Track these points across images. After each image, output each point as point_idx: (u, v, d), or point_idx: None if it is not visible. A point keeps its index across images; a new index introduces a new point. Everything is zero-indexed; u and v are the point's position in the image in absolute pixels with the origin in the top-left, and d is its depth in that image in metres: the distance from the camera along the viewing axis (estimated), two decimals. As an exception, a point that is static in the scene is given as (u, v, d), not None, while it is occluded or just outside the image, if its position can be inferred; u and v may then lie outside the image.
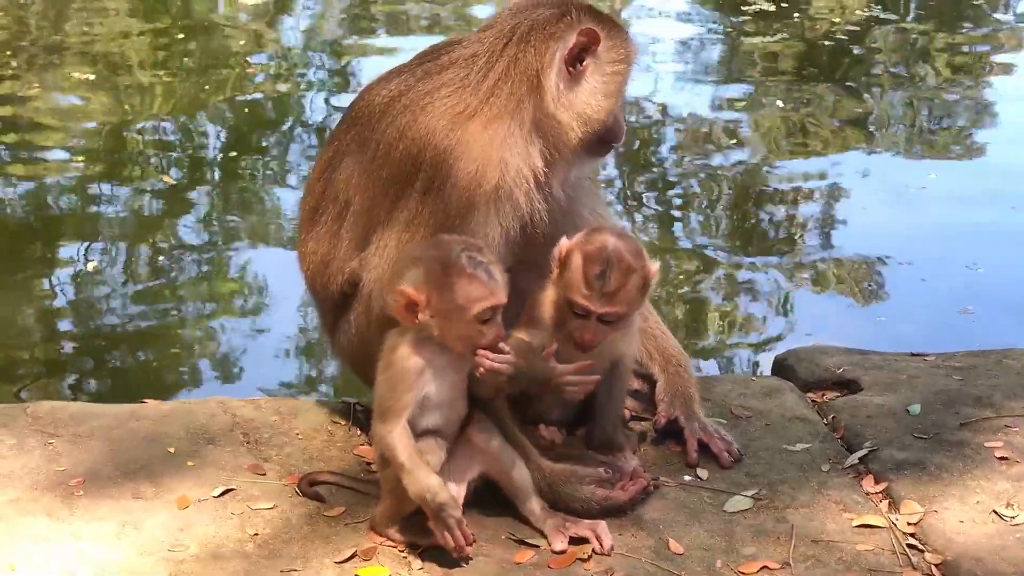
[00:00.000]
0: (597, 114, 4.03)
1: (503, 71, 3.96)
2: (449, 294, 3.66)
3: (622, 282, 3.91)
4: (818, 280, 7.46)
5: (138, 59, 11.80)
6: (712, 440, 4.33)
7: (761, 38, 12.75)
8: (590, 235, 4.00)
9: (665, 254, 7.74)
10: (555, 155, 4.02)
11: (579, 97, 4.00)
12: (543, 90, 3.95)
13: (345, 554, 3.74)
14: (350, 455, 4.30)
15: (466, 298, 3.67)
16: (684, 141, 10.00)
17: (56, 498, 3.96)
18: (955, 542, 3.89)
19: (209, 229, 8.10)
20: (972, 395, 4.70)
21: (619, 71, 4.07)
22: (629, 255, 3.93)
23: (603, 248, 3.92)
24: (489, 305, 3.69)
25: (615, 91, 4.08)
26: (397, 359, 3.75)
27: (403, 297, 3.69)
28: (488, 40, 4.03)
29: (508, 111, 3.94)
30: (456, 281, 3.66)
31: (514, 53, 3.97)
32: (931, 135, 10.31)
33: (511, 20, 4.03)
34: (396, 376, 3.74)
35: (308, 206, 4.33)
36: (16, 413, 4.46)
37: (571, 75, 3.98)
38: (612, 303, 3.92)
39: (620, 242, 3.96)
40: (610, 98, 4.06)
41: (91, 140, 9.60)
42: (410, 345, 3.75)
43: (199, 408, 4.56)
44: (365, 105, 4.15)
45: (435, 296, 3.67)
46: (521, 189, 3.95)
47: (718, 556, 3.84)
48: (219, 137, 9.86)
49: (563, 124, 3.98)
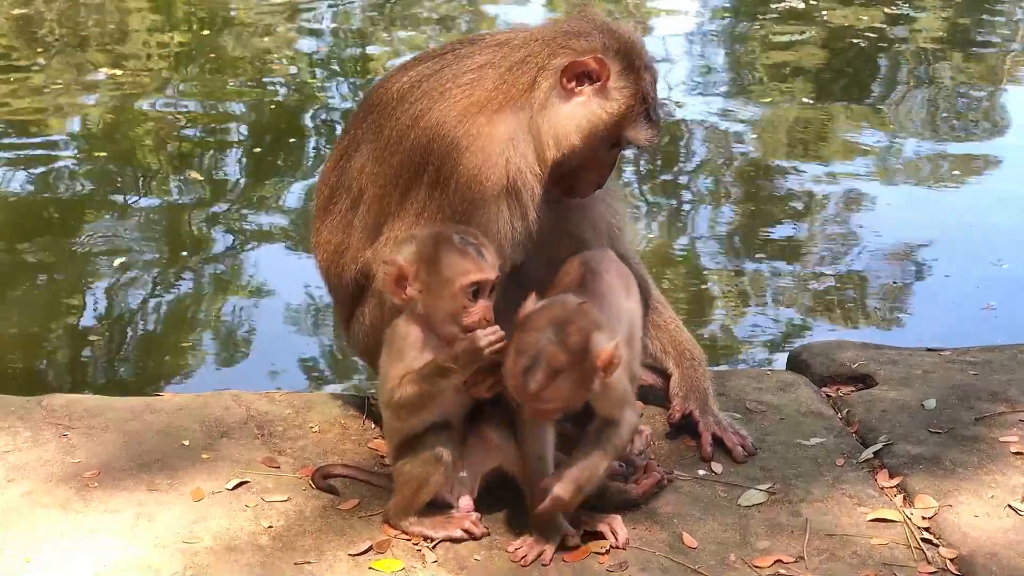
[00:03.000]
0: (565, 140, 3.92)
1: (515, 65, 3.96)
2: (436, 266, 3.66)
3: (547, 383, 3.51)
4: (840, 276, 7.43)
5: (158, 54, 11.85)
6: (726, 434, 4.33)
7: (789, 36, 12.74)
8: (535, 315, 3.59)
9: (679, 248, 7.74)
10: (542, 165, 3.98)
11: (560, 113, 3.93)
12: (536, 91, 3.94)
13: (359, 547, 3.75)
14: (364, 448, 4.31)
15: (452, 270, 3.65)
16: (700, 136, 9.98)
17: (71, 490, 3.97)
18: (970, 536, 3.88)
19: (229, 223, 8.10)
20: (987, 390, 4.69)
21: (604, 115, 3.93)
22: (563, 352, 3.50)
23: (534, 343, 3.52)
24: (475, 279, 3.66)
25: (589, 131, 3.93)
26: (397, 335, 3.77)
27: (393, 267, 3.69)
28: (516, 36, 4.04)
29: (512, 107, 3.93)
30: (444, 254, 3.67)
31: (530, 51, 3.97)
32: (957, 131, 10.27)
33: (546, 25, 4.04)
34: (396, 352, 3.75)
35: (323, 195, 4.32)
36: (31, 406, 4.47)
37: (564, 90, 3.93)
38: (539, 401, 3.56)
39: (558, 334, 3.51)
40: (582, 134, 3.92)
41: (112, 133, 9.63)
42: (408, 320, 3.75)
43: (214, 401, 4.57)
44: (384, 92, 4.14)
45: (423, 268, 3.68)
46: (526, 189, 3.94)
47: (732, 550, 3.83)
48: (240, 132, 9.88)
49: (542, 134, 3.94)
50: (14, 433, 4.28)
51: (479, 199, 3.90)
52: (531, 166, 3.94)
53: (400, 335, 3.77)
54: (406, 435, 3.82)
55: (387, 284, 3.74)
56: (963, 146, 9.81)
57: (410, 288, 3.70)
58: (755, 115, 10.51)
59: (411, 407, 3.74)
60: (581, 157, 3.98)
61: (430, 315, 3.72)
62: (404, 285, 3.71)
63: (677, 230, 8.17)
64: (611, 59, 3.92)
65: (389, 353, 3.79)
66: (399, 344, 3.76)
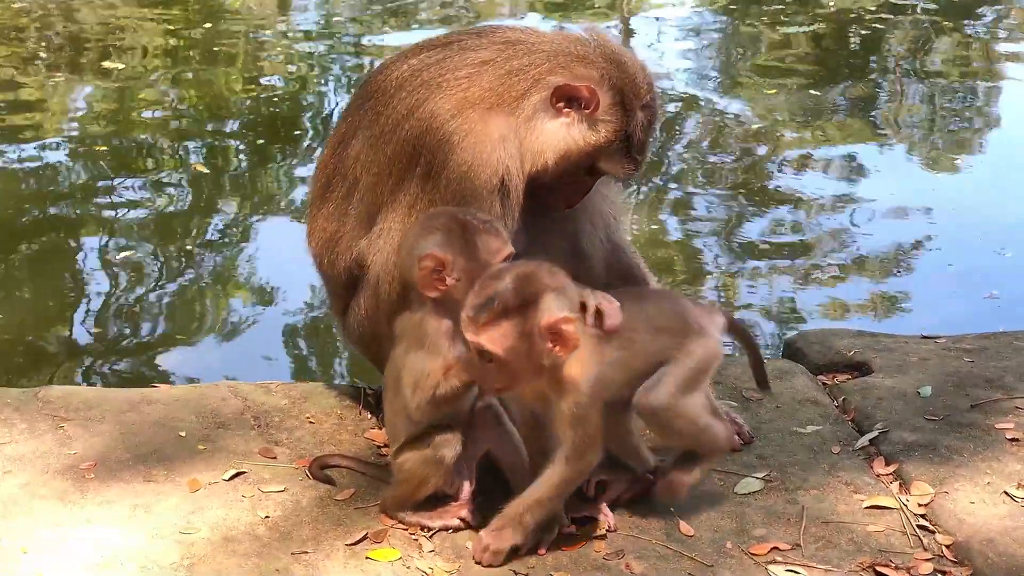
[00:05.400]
0: (539, 156, 3.93)
1: (514, 71, 3.94)
2: (473, 250, 3.68)
3: (491, 323, 3.46)
4: (843, 265, 7.43)
5: (155, 48, 11.84)
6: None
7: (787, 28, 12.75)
8: (509, 266, 3.60)
9: (674, 235, 7.75)
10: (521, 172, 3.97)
11: (543, 129, 3.93)
12: (526, 101, 3.93)
13: (356, 536, 3.75)
14: (360, 439, 4.31)
15: (488, 251, 3.69)
16: (699, 124, 9.99)
17: (68, 482, 3.97)
18: (966, 523, 3.89)
19: (227, 215, 8.10)
20: (983, 377, 4.70)
21: (582, 142, 3.93)
22: (513, 296, 3.47)
23: (494, 285, 3.49)
24: (505, 254, 3.71)
25: (564, 153, 3.93)
26: (428, 329, 3.74)
27: (432, 260, 3.68)
28: (524, 40, 4.02)
29: (503, 110, 3.92)
30: (476, 237, 3.69)
31: (532, 61, 3.96)
32: (959, 120, 10.27)
33: (557, 37, 4.04)
34: (432, 346, 3.73)
35: (319, 183, 4.31)
36: (27, 398, 4.47)
37: (553, 108, 3.92)
38: (483, 338, 3.49)
39: (515, 281, 3.48)
40: (557, 155, 3.93)
41: (111, 128, 9.62)
42: (435, 313, 3.75)
43: (210, 392, 4.58)
44: (384, 79, 4.11)
45: (460, 256, 3.68)
46: (514, 190, 3.94)
47: (728, 538, 3.84)
48: (236, 126, 9.87)
49: (523, 144, 3.93)
50: (10, 425, 4.28)
51: (470, 195, 3.90)
52: (518, 169, 3.94)
53: (432, 328, 3.75)
54: (413, 431, 3.82)
55: (425, 278, 3.71)
56: (969, 135, 9.81)
57: (449, 279, 3.70)
58: (756, 101, 10.52)
59: (454, 399, 3.74)
60: (554, 176, 3.99)
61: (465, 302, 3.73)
62: (442, 278, 3.70)
63: (672, 217, 8.17)
64: (605, 91, 3.92)
65: (420, 348, 3.76)
66: (432, 338, 3.74)
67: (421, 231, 3.77)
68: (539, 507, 3.67)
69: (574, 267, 4.20)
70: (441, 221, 3.74)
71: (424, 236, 3.74)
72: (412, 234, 3.81)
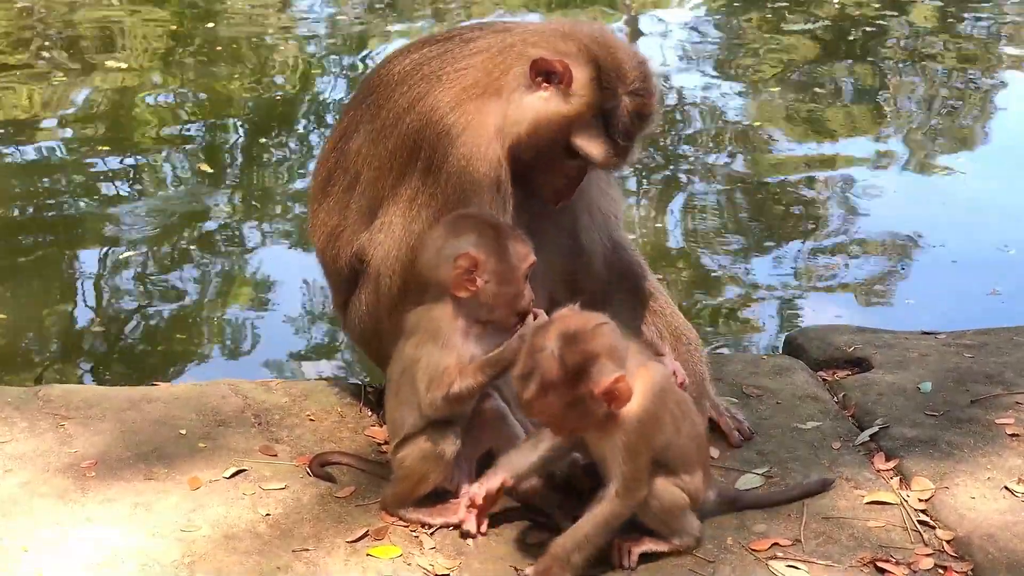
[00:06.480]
0: (514, 127, 3.91)
1: (504, 49, 3.97)
2: (505, 254, 3.73)
3: (538, 396, 3.41)
4: (844, 261, 7.42)
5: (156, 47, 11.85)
6: (723, 419, 4.33)
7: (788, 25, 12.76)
8: (558, 321, 3.47)
9: (674, 232, 7.75)
10: None
11: (521, 102, 3.91)
12: (509, 75, 3.93)
13: (357, 534, 3.76)
14: (361, 436, 4.31)
15: (517, 256, 3.75)
16: (699, 123, 9.98)
17: (68, 480, 3.97)
18: (966, 518, 3.88)
19: (227, 214, 8.10)
20: (983, 373, 4.70)
21: (554, 115, 3.89)
22: (559, 369, 3.37)
23: (539, 350, 3.39)
24: (532, 261, 3.77)
25: (535, 124, 3.89)
26: (444, 327, 3.76)
27: (467, 260, 3.70)
28: (519, 25, 4.06)
29: (493, 91, 3.93)
30: (507, 242, 3.74)
31: (521, 39, 3.98)
32: (961, 117, 10.27)
33: (552, 21, 4.06)
34: (446, 343, 3.75)
35: (321, 176, 4.31)
36: (28, 396, 4.48)
37: (532, 82, 3.90)
38: (532, 412, 3.51)
39: (560, 349, 3.38)
40: (529, 126, 3.90)
41: (111, 126, 9.62)
42: (452, 310, 3.77)
43: (210, 390, 4.58)
44: (386, 73, 4.12)
45: (492, 258, 3.72)
46: (504, 173, 3.94)
47: (729, 533, 3.84)
48: (238, 126, 9.87)
49: (508, 120, 3.92)
50: (11, 423, 4.28)
51: (471, 189, 3.90)
52: (504, 149, 3.94)
53: (447, 325, 3.76)
54: (410, 430, 3.82)
55: (457, 278, 3.72)
56: (973, 130, 9.80)
57: (480, 279, 3.72)
58: (758, 97, 10.51)
59: (469, 397, 3.76)
60: (530, 151, 3.94)
61: (491, 304, 3.75)
62: (473, 278, 3.71)
63: (672, 214, 8.16)
64: (581, 65, 3.88)
65: (434, 343, 3.76)
66: (447, 334, 3.75)
67: (451, 231, 3.77)
68: (588, 545, 3.56)
69: (573, 263, 4.22)
70: (472, 223, 3.77)
71: (456, 236, 3.75)
72: (439, 234, 3.80)
